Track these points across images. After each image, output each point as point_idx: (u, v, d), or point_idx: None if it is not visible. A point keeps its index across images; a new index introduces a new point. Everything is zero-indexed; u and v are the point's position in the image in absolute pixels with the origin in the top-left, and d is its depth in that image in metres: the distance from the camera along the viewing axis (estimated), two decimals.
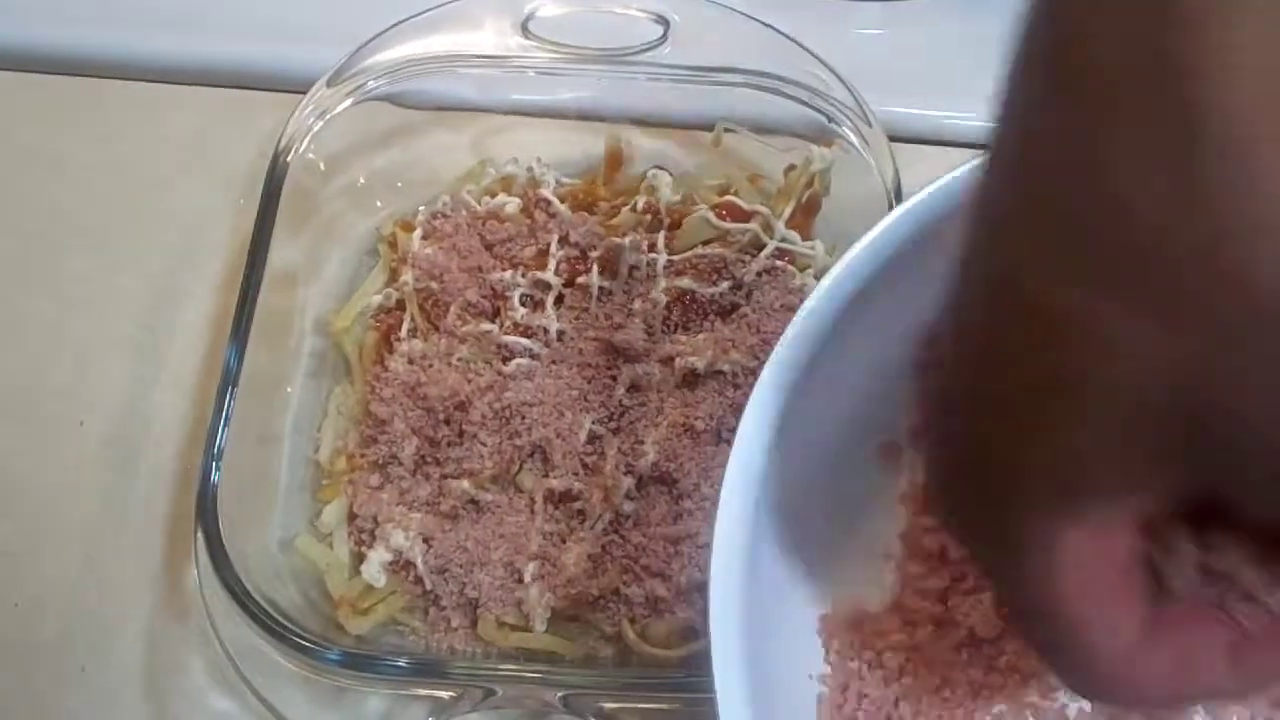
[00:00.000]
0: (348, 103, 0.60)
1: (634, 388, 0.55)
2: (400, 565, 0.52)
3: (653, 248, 0.58)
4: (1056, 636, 0.29)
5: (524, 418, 0.54)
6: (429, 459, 0.55)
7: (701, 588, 0.51)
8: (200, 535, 0.50)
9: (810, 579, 0.44)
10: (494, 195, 0.61)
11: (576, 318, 0.57)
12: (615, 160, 0.62)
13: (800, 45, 0.60)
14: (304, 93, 0.60)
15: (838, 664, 0.44)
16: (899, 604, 0.46)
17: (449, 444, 0.55)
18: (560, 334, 0.56)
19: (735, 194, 0.60)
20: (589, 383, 0.56)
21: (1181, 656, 0.30)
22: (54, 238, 0.65)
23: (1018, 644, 0.44)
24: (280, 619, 0.49)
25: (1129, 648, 0.29)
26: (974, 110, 0.66)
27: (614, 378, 0.55)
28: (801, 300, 0.43)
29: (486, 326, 0.56)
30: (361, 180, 0.62)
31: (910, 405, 0.46)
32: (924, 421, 0.43)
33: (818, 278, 0.58)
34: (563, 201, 0.60)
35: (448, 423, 0.55)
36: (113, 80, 0.69)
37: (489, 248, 0.59)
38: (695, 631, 0.51)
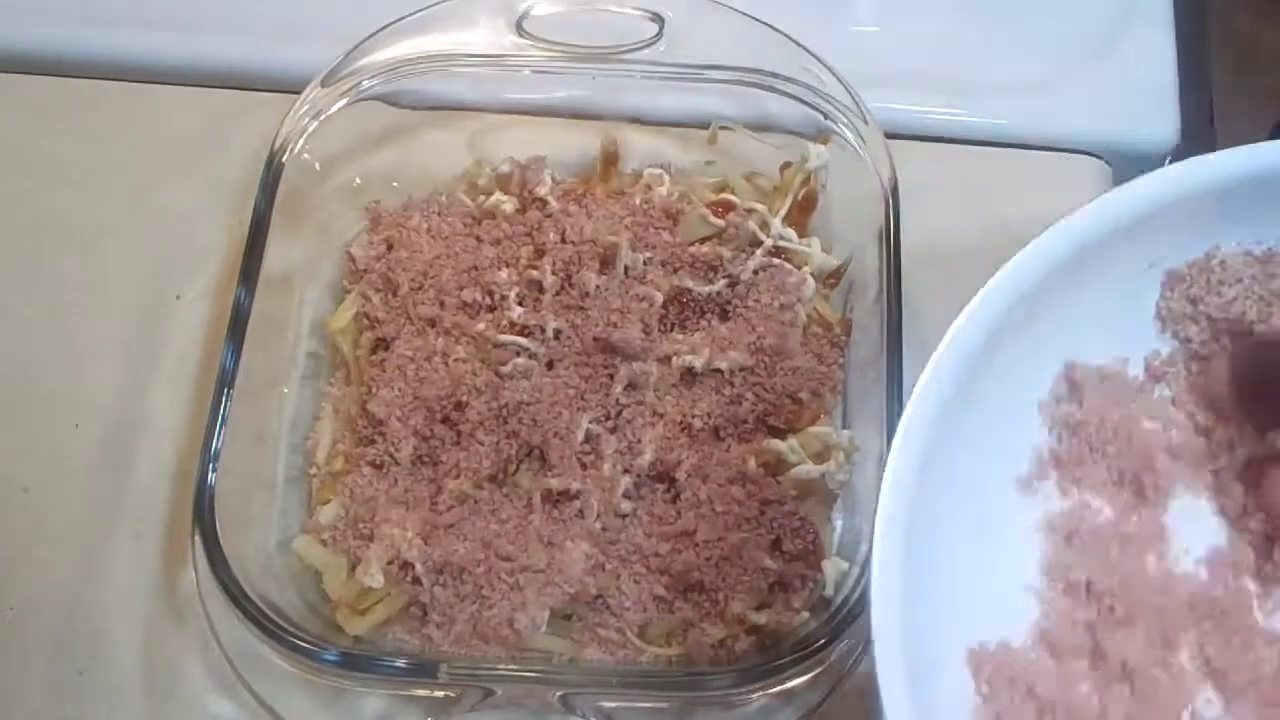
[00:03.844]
0: (343, 103, 0.60)
1: (631, 386, 0.55)
2: (398, 566, 0.52)
3: (649, 246, 0.58)
4: None
5: (521, 417, 0.54)
6: (426, 459, 0.55)
7: (700, 587, 0.52)
8: (197, 537, 0.49)
9: (955, 612, 0.44)
10: (490, 194, 0.61)
11: (573, 316, 0.57)
12: (611, 159, 0.62)
13: (796, 42, 0.60)
14: (299, 93, 0.59)
15: (990, 695, 0.44)
16: (1046, 636, 0.46)
17: (446, 444, 0.55)
18: (557, 333, 0.56)
19: (731, 192, 0.60)
20: (586, 381, 0.55)
21: None
22: (47, 240, 0.64)
23: (1169, 662, 0.45)
24: (278, 620, 0.49)
25: None
26: (969, 106, 0.66)
27: (611, 376, 0.55)
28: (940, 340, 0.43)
29: (483, 326, 0.56)
30: (357, 180, 0.62)
31: (1045, 435, 0.47)
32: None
33: (815, 275, 0.58)
34: (558, 200, 0.60)
35: (445, 422, 0.55)
36: (106, 81, 0.69)
37: (485, 247, 0.59)
38: (693, 630, 0.51)
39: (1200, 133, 0.68)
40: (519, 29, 0.60)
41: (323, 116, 0.59)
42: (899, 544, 0.40)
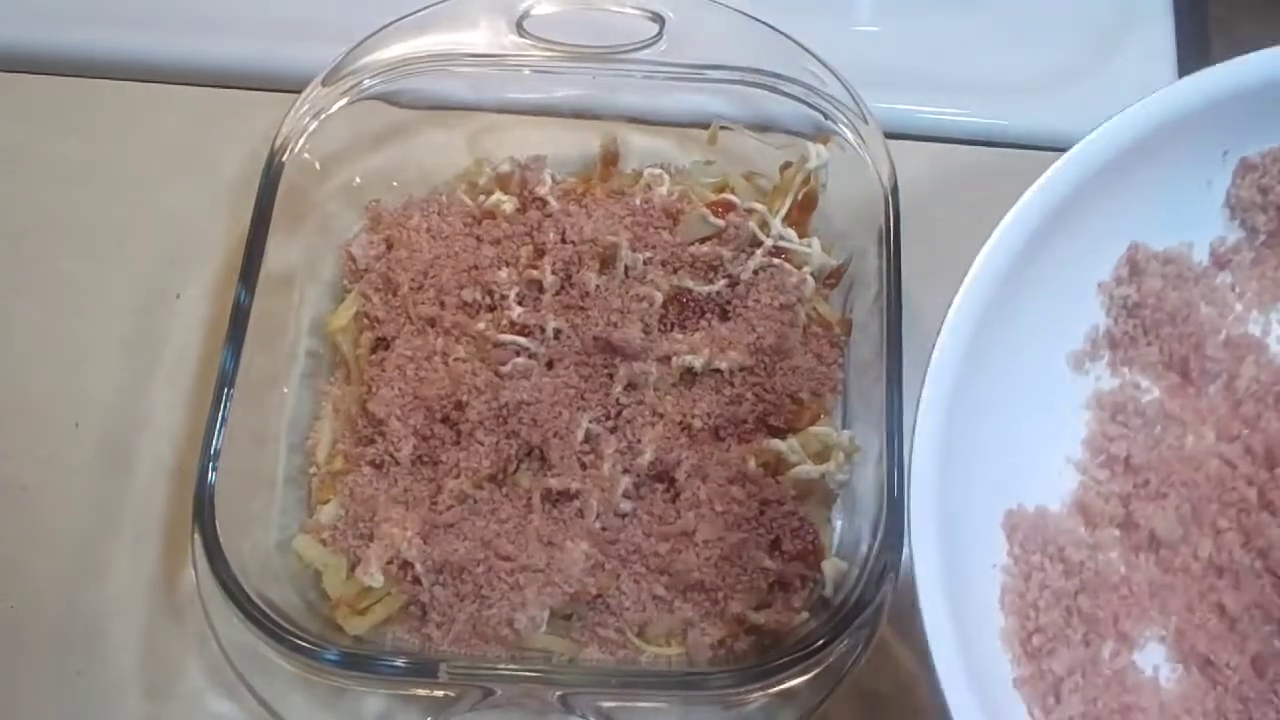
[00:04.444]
0: (343, 102, 0.60)
1: (631, 386, 0.55)
2: (397, 565, 0.52)
3: (649, 246, 0.58)
4: None
5: (521, 417, 0.54)
6: (426, 458, 0.55)
7: (699, 587, 0.52)
8: (197, 536, 0.49)
9: (997, 477, 0.45)
10: (490, 194, 0.61)
11: (573, 316, 0.57)
12: (611, 158, 0.62)
13: (796, 42, 0.59)
14: (299, 92, 0.59)
15: (1021, 556, 0.45)
16: (1081, 505, 0.47)
17: (446, 443, 0.55)
18: (557, 332, 0.56)
19: (732, 192, 0.60)
20: (586, 381, 0.55)
21: None
22: (46, 239, 0.64)
23: (1196, 546, 0.47)
24: (278, 619, 0.49)
25: None
26: (970, 107, 0.66)
27: (611, 376, 0.55)
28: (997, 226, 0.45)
29: (483, 325, 0.56)
30: (357, 179, 0.62)
31: (1101, 315, 0.48)
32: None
33: (815, 275, 0.58)
34: (558, 200, 0.60)
35: (445, 422, 0.55)
36: (106, 80, 0.69)
37: (485, 246, 0.59)
38: (693, 630, 0.51)
39: None
40: (519, 29, 0.60)
41: (323, 116, 0.59)
42: (943, 403, 0.42)
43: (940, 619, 0.39)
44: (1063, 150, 0.65)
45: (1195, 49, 0.69)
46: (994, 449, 0.45)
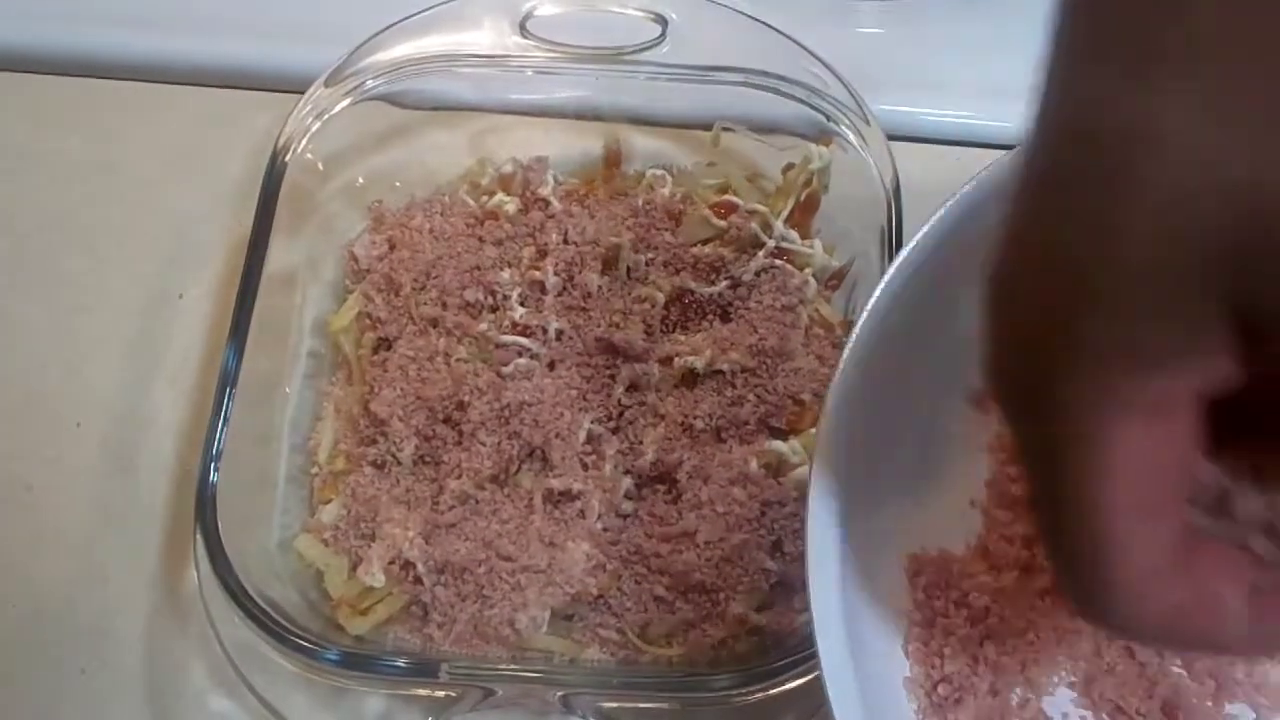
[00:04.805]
0: (346, 102, 0.60)
1: (633, 387, 0.55)
2: (399, 565, 0.52)
3: (651, 247, 0.58)
4: (1082, 545, 0.27)
5: (523, 417, 0.54)
6: (428, 459, 0.55)
7: (700, 588, 0.52)
8: (199, 536, 0.50)
9: (898, 521, 0.45)
10: (492, 195, 0.61)
11: (575, 317, 0.57)
12: (613, 159, 0.62)
13: (798, 44, 0.60)
14: (302, 93, 0.60)
15: (924, 602, 0.45)
16: (984, 548, 0.47)
17: (448, 444, 0.55)
18: (559, 333, 0.56)
19: (734, 193, 0.60)
20: (588, 382, 0.56)
21: (1200, 594, 0.27)
22: (49, 239, 0.64)
23: None
24: (279, 619, 0.49)
25: (1153, 572, 0.27)
26: (971, 108, 0.66)
27: (613, 377, 0.55)
28: (889, 259, 0.45)
29: (485, 326, 0.56)
30: (360, 180, 0.62)
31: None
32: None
33: (816, 277, 0.58)
34: (561, 201, 0.60)
35: (447, 422, 0.55)
36: (108, 80, 0.69)
37: (487, 247, 0.59)
38: (694, 631, 0.51)
39: None
40: (522, 29, 0.60)
41: (326, 116, 0.59)
42: (840, 444, 0.41)
43: (840, 665, 0.39)
44: None
45: None
46: (895, 489, 0.44)
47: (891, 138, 0.58)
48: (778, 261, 0.58)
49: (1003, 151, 0.66)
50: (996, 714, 0.44)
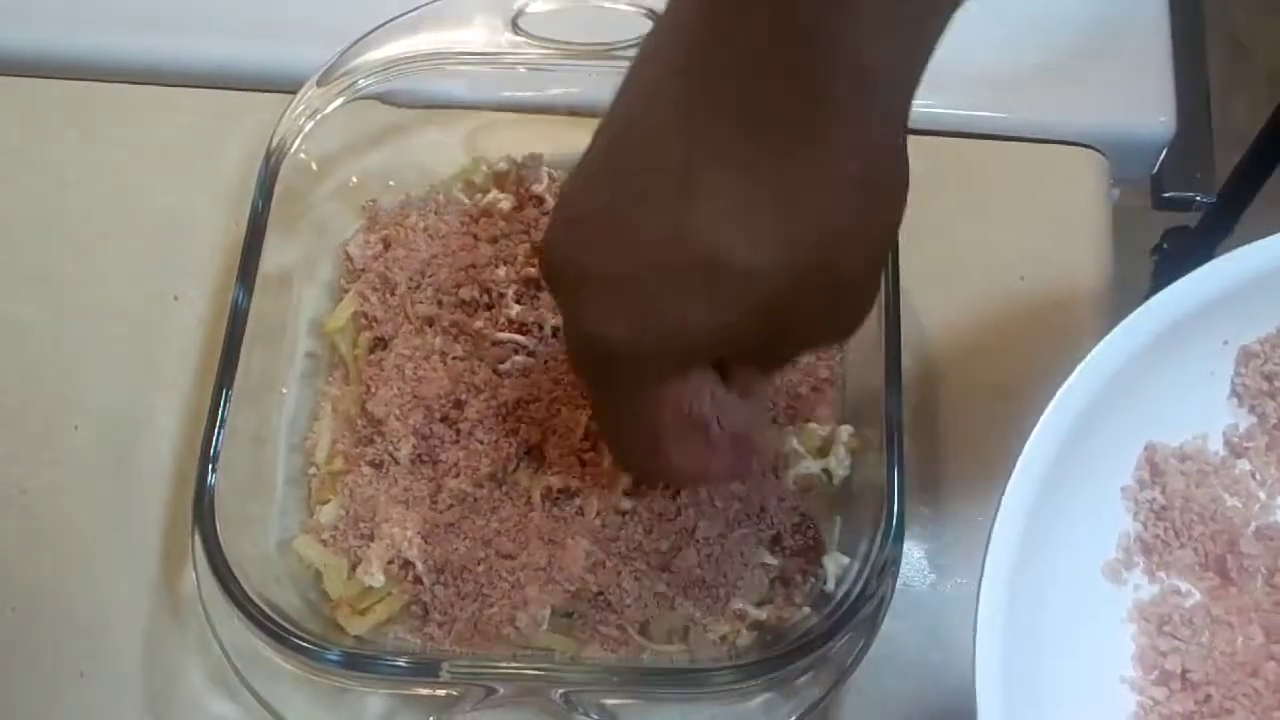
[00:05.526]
0: (339, 102, 0.60)
1: None
2: (398, 565, 0.52)
3: None
4: (648, 452, 0.44)
5: (520, 415, 0.54)
6: (425, 458, 0.55)
7: (700, 584, 0.52)
8: (197, 538, 0.49)
9: (1053, 709, 0.44)
10: (486, 192, 0.61)
11: None
12: None
13: None
14: (294, 93, 0.59)
15: None
16: None
17: (446, 442, 0.55)
18: (555, 330, 0.56)
19: None
20: None
21: (692, 453, 0.44)
22: (43, 242, 0.64)
23: None
24: (279, 620, 0.48)
25: (680, 453, 0.43)
26: (966, 99, 0.66)
27: None
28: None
29: (481, 324, 0.56)
30: (354, 180, 0.62)
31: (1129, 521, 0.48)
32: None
33: None
34: (555, 197, 0.59)
35: (444, 421, 0.55)
36: (102, 83, 0.68)
37: (482, 245, 0.59)
38: (694, 627, 0.51)
39: (1197, 124, 0.68)
40: (514, 26, 0.60)
41: (319, 116, 0.59)
42: (998, 646, 0.40)
43: None
44: (1060, 143, 0.66)
45: (1191, 36, 0.69)
46: (1047, 680, 0.43)
47: None
48: None
49: (992, 141, 0.66)
50: None
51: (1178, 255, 0.85)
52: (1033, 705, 0.42)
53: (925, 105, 0.65)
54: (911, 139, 0.64)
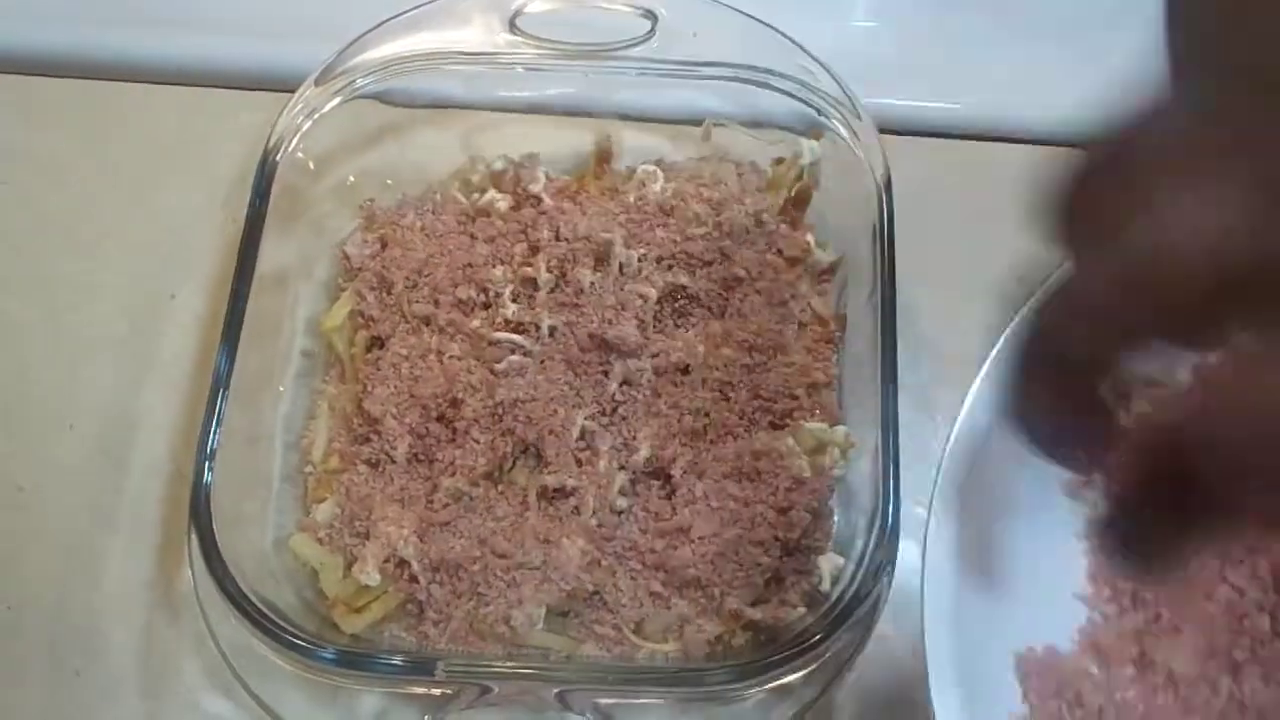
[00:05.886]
0: (336, 101, 0.60)
1: (626, 383, 0.55)
2: (394, 563, 0.52)
3: (643, 242, 0.58)
4: None
5: (516, 414, 0.54)
6: (422, 456, 0.55)
7: (695, 583, 0.52)
8: (193, 536, 0.49)
9: (1004, 619, 0.44)
10: (483, 192, 0.61)
11: (568, 313, 0.57)
12: (604, 155, 0.62)
13: (789, 38, 0.60)
14: (292, 92, 0.59)
15: (1038, 704, 0.44)
16: (1094, 644, 0.46)
17: (442, 441, 0.55)
18: (552, 330, 0.56)
19: (725, 188, 0.60)
20: (581, 378, 0.55)
21: None
22: (41, 240, 0.64)
23: (1219, 684, 0.45)
24: (275, 619, 0.48)
25: None
26: (963, 102, 0.66)
27: (606, 373, 0.55)
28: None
29: (477, 323, 0.56)
30: (351, 179, 0.62)
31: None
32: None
33: (809, 272, 0.58)
34: (552, 197, 0.60)
35: (440, 420, 0.55)
36: (98, 81, 0.69)
37: (479, 244, 0.59)
38: (689, 626, 0.52)
39: None
40: (512, 26, 0.60)
41: (316, 115, 0.59)
42: (946, 542, 0.40)
43: None
44: (1058, 145, 0.66)
45: None
46: (1000, 587, 0.44)
47: (883, 131, 0.58)
48: (769, 256, 0.58)
49: (990, 143, 0.66)
50: None
51: None
52: (983, 614, 0.42)
53: (922, 106, 0.66)
54: (911, 140, 0.65)
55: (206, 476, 0.50)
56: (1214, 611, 0.46)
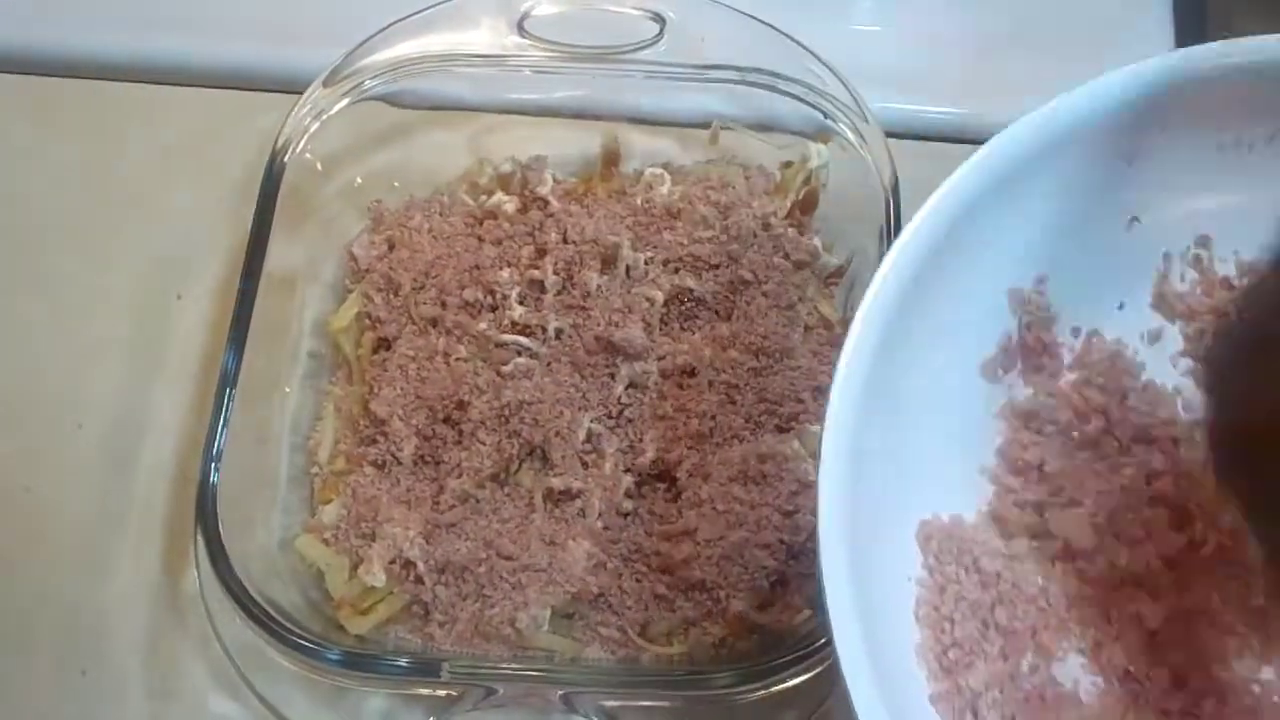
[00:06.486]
0: (344, 103, 0.60)
1: (633, 385, 0.55)
2: (400, 565, 0.52)
3: (650, 245, 0.58)
4: None
5: (523, 416, 0.54)
6: (428, 458, 0.55)
7: (701, 586, 0.52)
8: (200, 537, 0.50)
9: (910, 488, 0.45)
10: (491, 194, 0.61)
11: (575, 316, 0.57)
12: (612, 158, 0.62)
13: (797, 42, 0.60)
14: (300, 93, 0.60)
15: (936, 568, 0.45)
16: (996, 514, 0.47)
17: (448, 443, 0.55)
18: (559, 332, 0.56)
19: (732, 191, 0.60)
20: (587, 381, 0.56)
21: None
22: (49, 240, 0.64)
23: (1111, 556, 0.46)
24: (280, 620, 0.49)
25: None
26: (970, 105, 0.66)
27: (612, 376, 0.55)
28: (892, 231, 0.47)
29: (484, 325, 0.56)
30: (359, 180, 0.62)
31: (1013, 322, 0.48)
32: None
33: (816, 275, 0.58)
34: (560, 200, 0.60)
35: (447, 422, 0.55)
36: (107, 82, 0.69)
37: (486, 246, 0.59)
38: (694, 629, 0.52)
39: None
40: (520, 29, 0.60)
41: (324, 116, 0.59)
42: (852, 403, 0.41)
43: (851, 632, 0.39)
44: None
45: (1194, 44, 0.69)
46: (907, 457, 0.44)
47: (890, 135, 0.58)
48: (776, 259, 0.58)
49: None
50: (1006, 678, 0.44)
51: None
52: (887, 480, 0.42)
53: (930, 110, 0.66)
54: (912, 143, 0.65)
55: (213, 477, 0.50)
56: (1115, 488, 0.47)
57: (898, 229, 0.55)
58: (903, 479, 0.44)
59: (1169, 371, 0.50)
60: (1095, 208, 0.48)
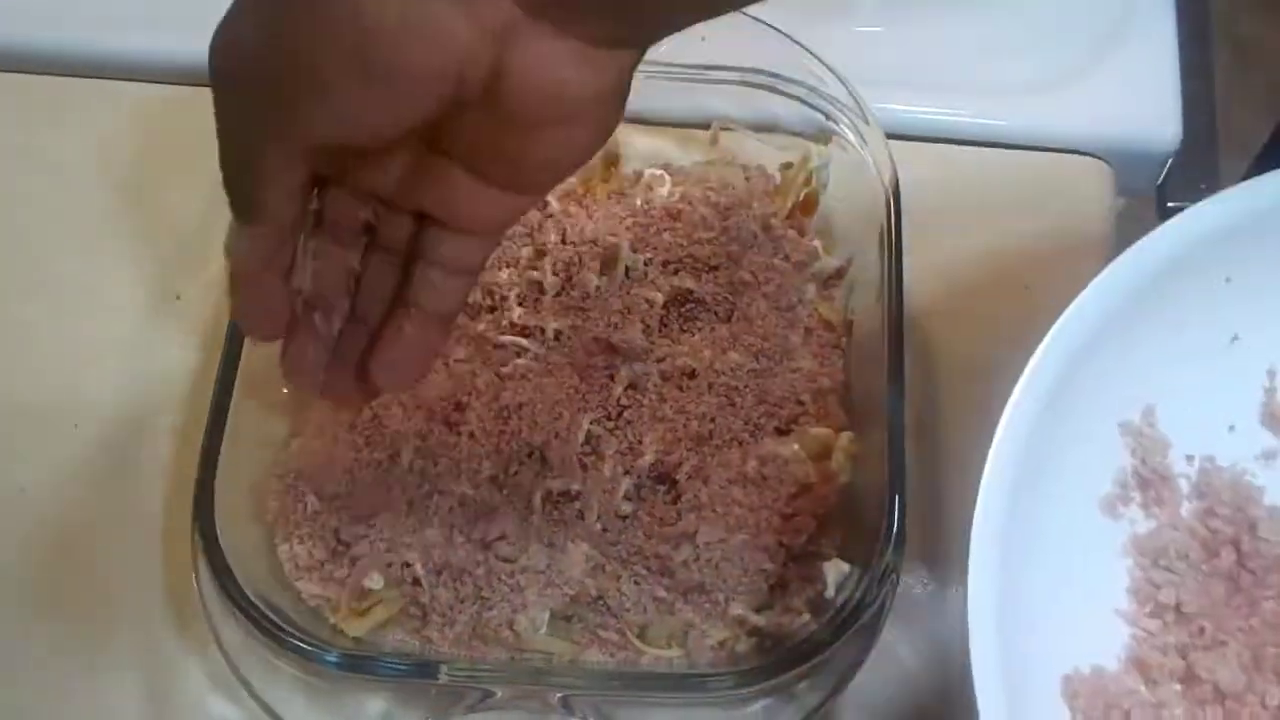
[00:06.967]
0: None
1: (632, 387, 0.55)
2: (398, 567, 0.52)
3: (650, 247, 0.58)
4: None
5: (522, 418, 0.54)
6: (427, 459, 0.55)
7: (700, 589, 0.52)
8: (198, 538, 0.49)
9: (1049, 640, 0.44)
10: None
11: (574, 317, 0.57)
12: (612, 159, 0.62)
13: (797, 43, 0.59)
14: None
15: None
16: (1138, 660, 0.46)
17: (447, 445, 0.55)
18: (558, 334, 0.56)
19: (732, 192, 0.60)
20: (586, 383, 0.55)
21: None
22: (48, 240, 0.64)
23: (1263, 695, 0.45)
24: (278, 621, 0.48)
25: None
26: (971, 107, 0.66)
27: (612, 377, 0.55)
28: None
29: (483, 327, 0.56)
30: None
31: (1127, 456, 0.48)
32: None
33: (816, 276, 0.58)
34: (559, 201, 0.59)
35: (445, 423, 0.55)
36: (104, 80, 0.69)
37: None
38: (693, 631, 0.51)
39: (1202, 133, 0.68)
40: None
41: None
42: (992, 566, 0.40)
43: None
44: (1065, 151, 0.66)
45: (1197, 46, 0.69)
46: (1041, 610, 0.43)
47: (891, 136, 0.58)
48: (776, 261, 0.58)
49: (997, 149, 0.66)
50: None
51: None
52: (1027, 636, 0.41)
53: (930, 112, 0.66)
54: (918, 146, 0.65)
55: (211, 479, 0.50)
56: (1257, 624, 0.46)
57: (898, 230, 0.55)
58: (1037, 632, 0.43)
59: None
60: (1196, 331, 0.47)
